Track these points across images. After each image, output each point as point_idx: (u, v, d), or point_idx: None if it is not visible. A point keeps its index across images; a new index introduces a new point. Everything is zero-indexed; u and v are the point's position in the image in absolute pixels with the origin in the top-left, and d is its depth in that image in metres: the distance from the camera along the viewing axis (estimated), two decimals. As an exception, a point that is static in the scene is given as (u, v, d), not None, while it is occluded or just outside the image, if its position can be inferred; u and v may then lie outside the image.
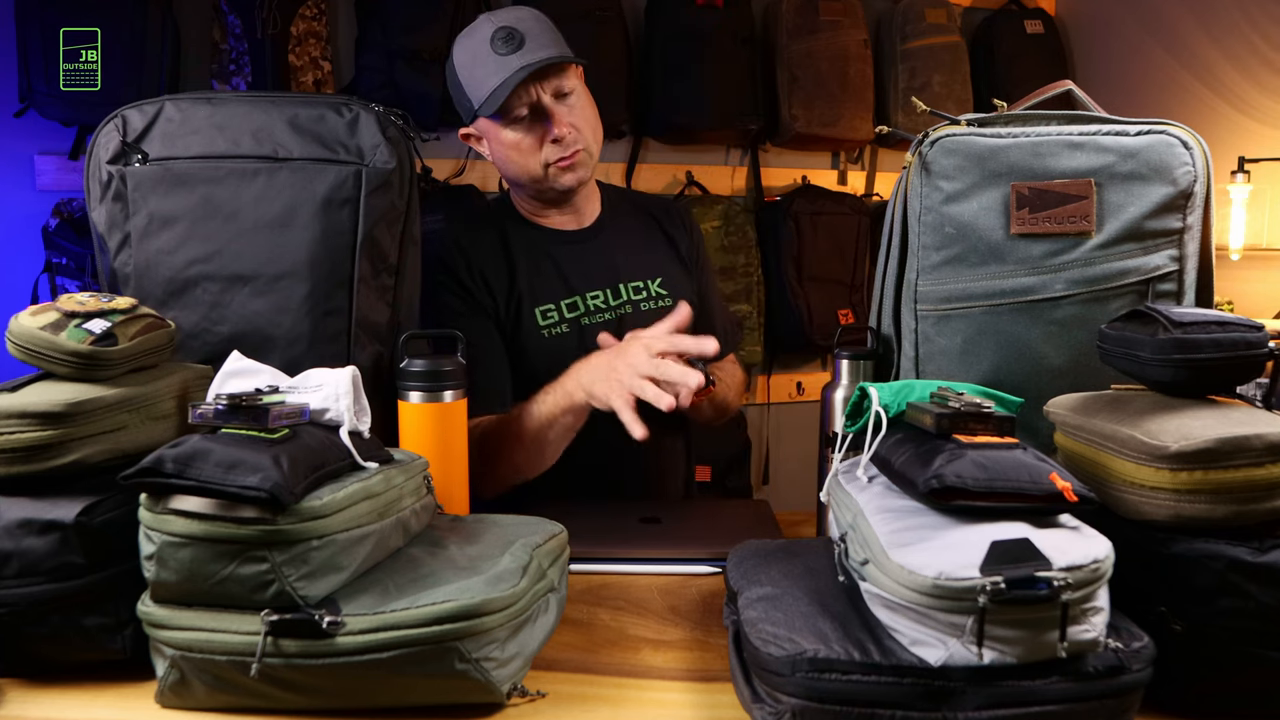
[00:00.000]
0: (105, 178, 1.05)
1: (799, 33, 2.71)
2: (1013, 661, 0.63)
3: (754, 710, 0.69)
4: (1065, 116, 0.99)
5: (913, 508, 0.72)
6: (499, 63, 1.32)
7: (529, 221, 1.49)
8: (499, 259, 1.43)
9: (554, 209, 1.47)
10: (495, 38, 1.32)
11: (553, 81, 1.35)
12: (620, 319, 1.44)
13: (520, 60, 1.31)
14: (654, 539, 1.15)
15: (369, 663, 0.72)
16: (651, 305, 1.48)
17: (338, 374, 0.86)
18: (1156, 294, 0.97)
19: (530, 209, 1.49)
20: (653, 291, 1.49)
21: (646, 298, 1.48)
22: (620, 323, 1.43)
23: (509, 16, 1.36)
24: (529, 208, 1.49)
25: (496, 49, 1.32)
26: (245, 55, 2.34)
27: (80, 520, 0.77)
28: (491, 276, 1.41)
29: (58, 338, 0.83)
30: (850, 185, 3.02)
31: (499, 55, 1.32)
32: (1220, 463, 0.71)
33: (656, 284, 1.49)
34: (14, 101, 2.22)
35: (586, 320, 1.43)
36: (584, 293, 1.44)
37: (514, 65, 1.31)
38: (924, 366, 1.03)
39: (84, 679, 0.80)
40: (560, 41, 1.37)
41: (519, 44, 1.32)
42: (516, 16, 1.36)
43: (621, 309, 1.45)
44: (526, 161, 1.39)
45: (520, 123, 1.36)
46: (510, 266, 1.43)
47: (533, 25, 1.35)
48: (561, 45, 1.36)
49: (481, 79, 1.33)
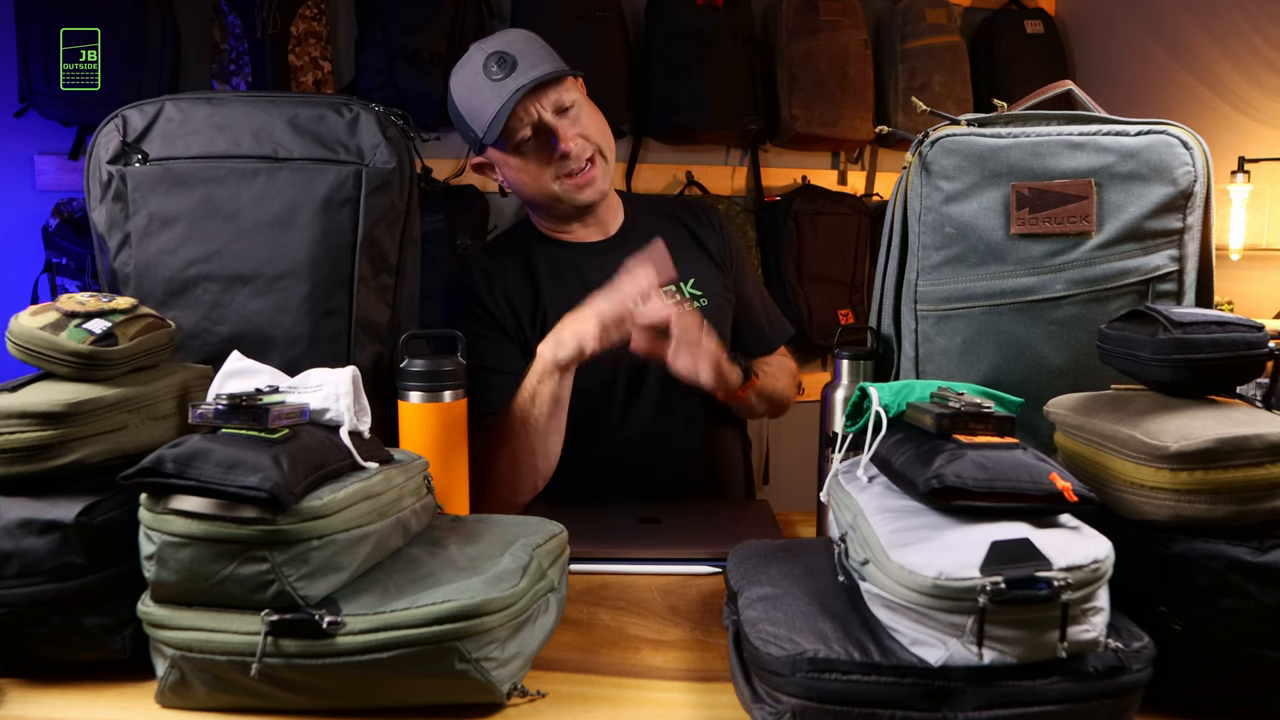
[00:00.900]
0: (105, 178, 1.05)
1: (799, 33, 2.71)
2: (1013, 661, 0.63)
3: (754, 710, 0.69)
4: (1065, 116, 0.99)
5: (913, 508, 0.72)
6: (494, 89, 1.32)
7: (551, 239, 1.48)
8: (523, 281, 1.42)
9: (575, 223, 1.47)
10: (488, 65, 1.32)
11: (551, 96, 1.34)
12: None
13: (515, 82, 1.31)
14: (654, 539, 1.15)
15: (369, 663, 0.72)
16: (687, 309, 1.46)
17: (338, 374, 0.86)
18: (1156, 294, 0.97)
19: (551, 226, 1.48)
20: (687, 294, 1.47)
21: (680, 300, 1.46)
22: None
23: (499, 41, 1.35)
24: (550, 225, 1.48)
25: (491, 75, 1.32)
26: (245, 55, 2.33)
27: (80, 520, 0.77)
28: (517, 299, 1.41)
29: (58, 338, 0.83)
30: (850, 185, 3.02)
31: (494, 81, 1.32)
32: (1220, 463, 0.71)
33: (688, 287, 1.48)
34: (14, 101, 2.22)
35: None
36: None
37: (509, 88, 1.31)
38: (924, 366, 1.03)
39: (84, 679, 0.80)
40: (553, 57, 1.37)
41: (512, 67, 1.31)
42: (506, 40, 1.35)
43: None
44: (539, 182, 1.38)
45: (526, 145, 1.35)
46: (535, 287, 1.42)
47: (523, 46, 1.35)
48: (555, 60, 1.36)
49: (481, 108, 1.33)
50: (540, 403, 1.26)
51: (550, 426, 1.28)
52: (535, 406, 1.26)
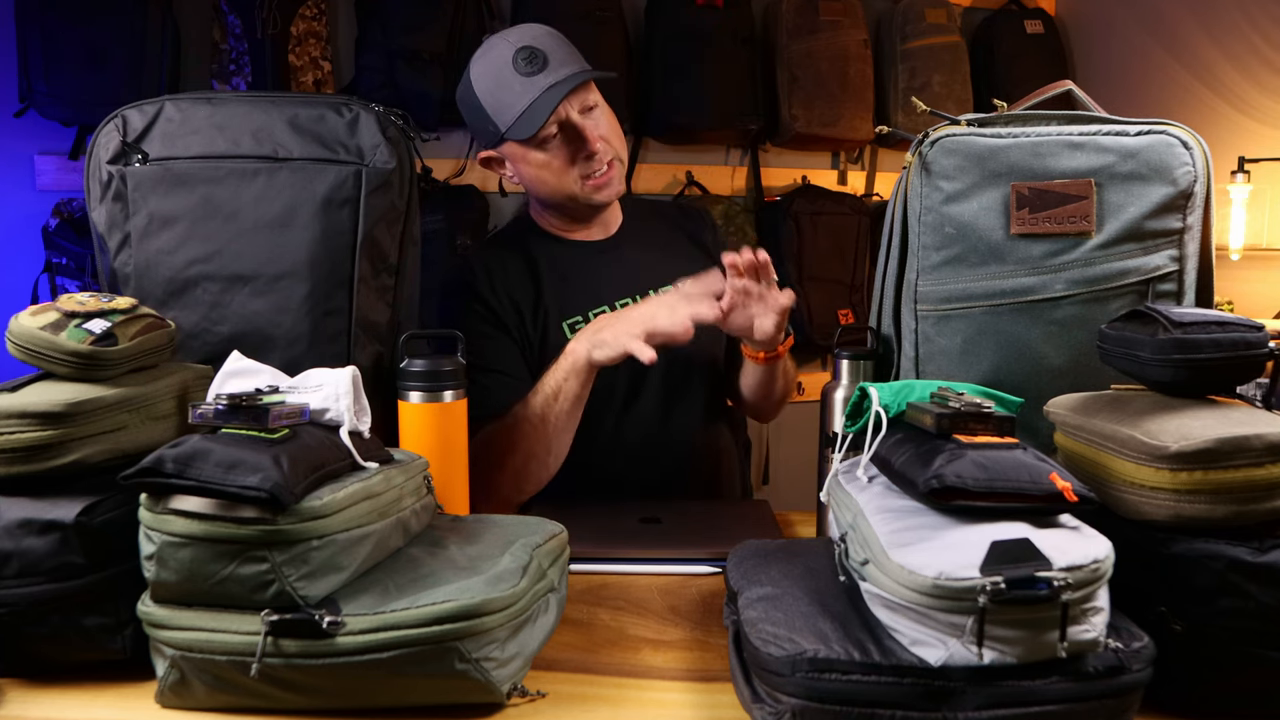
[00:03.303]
0: (105, 178, 1.05)
1: (799, 33, 2.71)
2: (1013, 661, 0.63)
3: (754, 710, 0.69)
4: (1065, 116, 0.99)
5: (913, 508, 0.72)
6: (525, 84, 1.30)
7: (554, 236, 1.48)
8: (525, 279, 1.42)
9: (581, 223, 1.47)
10: (518, 58, 1.30)
11: (579, 97, 1.33)
12: None
13: (547, 79, 1.30)
14: (654, 539, 1.15)
15: (369, 663, 0.72)
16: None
17: (338, 374, 0.86)
18: (1156, 294, 0.97)
19: (557, 225, 1.47)
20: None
21: None
22: None
23: (526, 35, 1.34)
24: (556, 224, 1.47)
25: (520, 70, 1.30)
26: (245, 55, 2.34)
27: (80, 520, 0.77)
28: (520, 297, 1.40)
29: (58, 338, 0.83)
30: (850, 185, 3.02)
31: (524, 76, 1.30)
32: (1220, 463, 0.71)
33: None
34: (14, 101, 2.22)
35: None
36: (613, 301, 1.43)
37: (541, 85, 1.30)
38: (924, 366, 1.03)
39: (84, 679, 0.80)
40: (578, 56, 1.36)
41: (543, 63, 1.30)
42: (533, 35, 1.34)
43: None
44: (560, 180, 1.37)
45: (550, 142, 1.34)
46: (537, 285, 1.41)
47: (551, 42, 1.33)
48: (580, 60, 1.35)
49: (509, 102, 1.32)
50: (564, 399, 1.25)
51: (567, 424, 1.28)
52: (558, 403, 1.26)
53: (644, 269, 1.46)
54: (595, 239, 1.48)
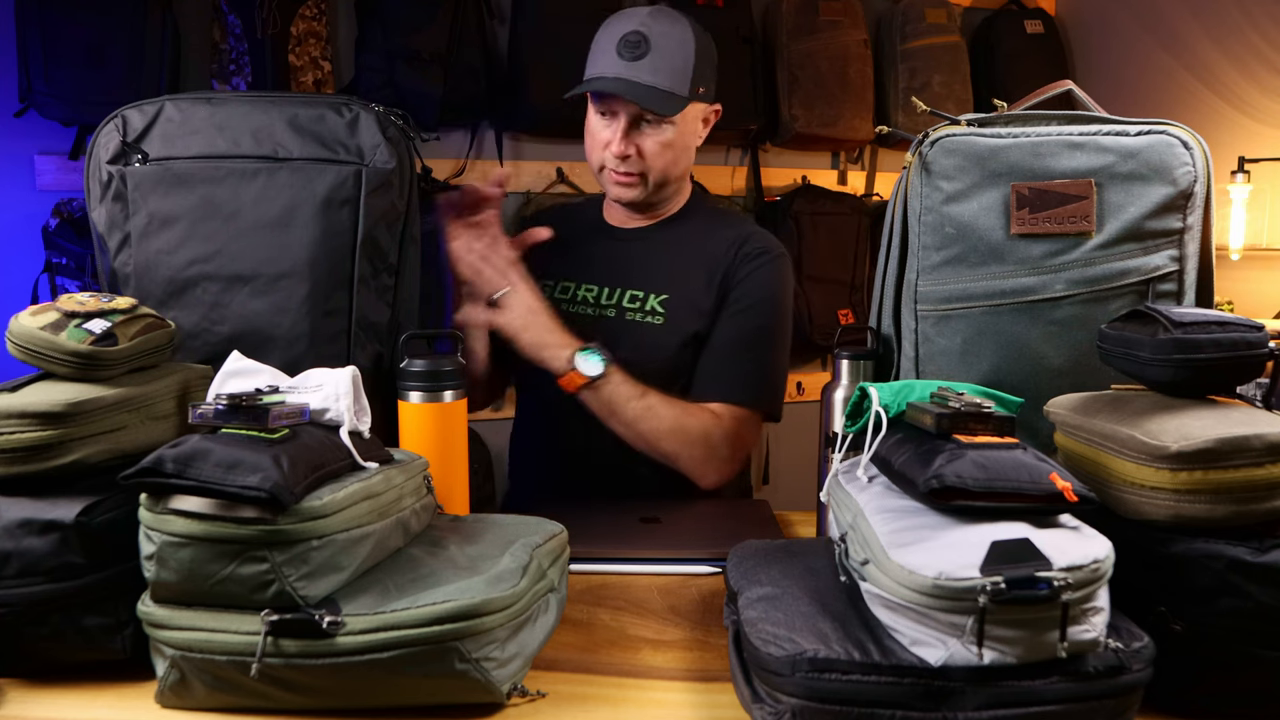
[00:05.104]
0: (105, 178, 1.05)
1: (799, 33, 2.71)
2: (1013, 661, 0.63)
3: (754, 710, 0.69)
4: (1065, 116, 0.99)
5: (913, 508, 0.72)
6: (605, 58, 1.33)
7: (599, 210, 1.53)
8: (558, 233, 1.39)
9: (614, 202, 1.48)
10: (625, 38, 1.31)
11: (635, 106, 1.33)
12: (598, 319, 1.42)
13: (614, 69, 1.31)
14: (654, 539, 1.15)
15: (369, 663, 0.72)
16: (637, 318, 1.41)
17: (338, 374, 0.86)
18: (1156, 294, 0.97)
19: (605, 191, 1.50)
20: (649, 306, 1.42)
21: (638, 309, 1.42)
22: (597, 322, 1.41)
23: (646, 21, 1.32)
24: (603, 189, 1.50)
25: (616, 45, 1.32)
26: (245, 55, 2.33)
27: (80, 520, 0.77)
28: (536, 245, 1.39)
29: (58, 338, 0.83)
30: (850, 185, 3.02)
31: (608, 51, 1.32)
32: (1220, 463, 0.71)
33: (657, 300, 1.42)
34: (14, 101, 2.22)
35: (568, 307, 1.43)
36: (582, 282, 1.44)
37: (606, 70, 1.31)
38: (924, 366, 1.03)
39: (84, 679, 0.80)
40: (683, 73, 1.32)
41: (637, 52, 1.30)
42: (659, 29, 1.32)
43: (605, 311, 1.43)
44: (593, 149, 1.41)
45: (600, 115, 1.38)
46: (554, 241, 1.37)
47: (664, 43, 1.31)
48: (678, 78, 1.31)
49: (591, 60, 1.35)
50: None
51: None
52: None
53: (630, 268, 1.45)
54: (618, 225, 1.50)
